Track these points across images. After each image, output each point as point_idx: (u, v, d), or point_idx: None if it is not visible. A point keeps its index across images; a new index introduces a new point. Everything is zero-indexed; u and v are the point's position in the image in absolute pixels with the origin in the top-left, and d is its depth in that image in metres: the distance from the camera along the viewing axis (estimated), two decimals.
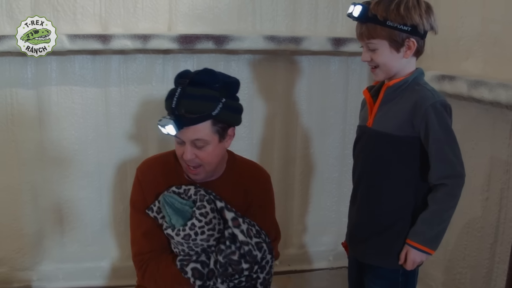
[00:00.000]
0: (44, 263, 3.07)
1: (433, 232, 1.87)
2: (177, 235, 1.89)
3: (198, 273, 1.92)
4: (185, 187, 2.00)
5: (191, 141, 1.88)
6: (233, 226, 1.94)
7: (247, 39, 2.86)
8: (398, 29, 1.82)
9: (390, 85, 1.91)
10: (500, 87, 2.19)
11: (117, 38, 2.71)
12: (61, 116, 2.91)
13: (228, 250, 1.93)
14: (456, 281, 2.72)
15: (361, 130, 2.04)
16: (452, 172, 1.84)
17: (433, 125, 1.81)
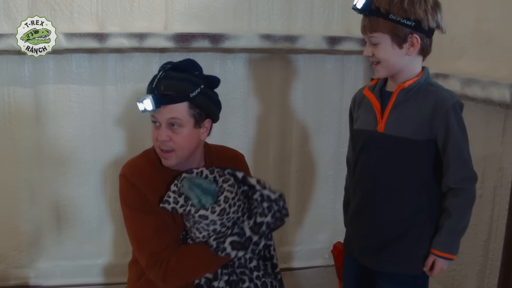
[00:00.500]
0: (41, 260, 3.09)
1: (459, 239, 1.87)
2: (212, 212, 1.86)
3: (237, 244, 1.90)
4: (196, 170, 2.01)
5: (167, 122, 1.89)
6: (261, 188, 1.96)
7: (243, 38, 2.88)
8: (401, 23, 1.76)
9: (405, 86, 1.83)
10: (492, 85, 2.20)
11: (114, 37, 2.73)
12: (58, 114, 2.92)
13: (272, 209, 1.95)
14: (451, 278, 2.73)
15: (368, 135, 1.93)
16: (469, 174, 1.83)
17: (453, 127, 1.78)
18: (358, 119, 2.01)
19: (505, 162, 2.32)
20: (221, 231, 1.92)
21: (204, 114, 1.96)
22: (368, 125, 1.93)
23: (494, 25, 2.40)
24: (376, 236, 1.95)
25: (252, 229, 1.93)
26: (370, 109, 1.93)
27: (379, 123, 1.88)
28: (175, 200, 1.93)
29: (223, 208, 1.87)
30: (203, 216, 1.87)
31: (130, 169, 2.02)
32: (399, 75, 1.86)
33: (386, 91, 1.92)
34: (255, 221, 1.93)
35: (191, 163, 2.04)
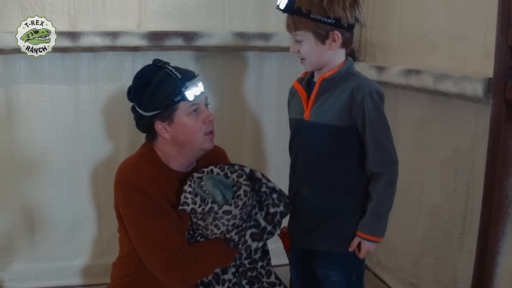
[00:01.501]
0: (15, 263, 3.05)
1: (382, 222, 1.98)
2: (236, 207, 1.92)
3: (257, 236, 2.00)
4: (206, 169, 2.07)
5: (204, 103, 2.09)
6: (267, 181, 2.08)
7: (216, 36, 2.88)
8: (321, 21, 1.87)
9: (326, 77, 1.96)
10: (464, 80, 2.23)
11: (87, 36, 2.70)
12: (30, 114, 2.89)
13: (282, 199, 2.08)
14: (426, 272, 2.76)
15: (297, 124, 2.07)
16: (389, 158, 1.93)
17: (369, 113, 1.88)
18: (291, 109, 2.14)
19: (478, 156, 2.35)
20: (240, 225, 1.99)
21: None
22: (298, 114, 2.05)
23: (465, 21, 2.43)
24: (308, 218, 2.07)
25: (266, 220, 2.02)
26: (299, 99, 2.04)
27: (305, 111, 2.00)
28: (193, 200, 1.97)
29: (244, 201, 1.94)
30: (227, 211, 1.93)
31: (133, 173, 2.01)
32: (325, 68, 1.98)
33: (313, 81, 2.03)
34: (268, 212, 2.02)
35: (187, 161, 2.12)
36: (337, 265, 2.07)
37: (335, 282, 2.08)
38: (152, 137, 2.10)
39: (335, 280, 2.08)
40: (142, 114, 2.04)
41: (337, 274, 2.08)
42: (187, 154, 2.09)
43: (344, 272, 2.08)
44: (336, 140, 1.96)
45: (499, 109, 2.05)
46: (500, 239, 2.14)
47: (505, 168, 2.08)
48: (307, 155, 2.05)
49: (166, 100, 1.97)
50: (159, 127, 2.03)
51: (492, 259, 2.16)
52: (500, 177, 2.09)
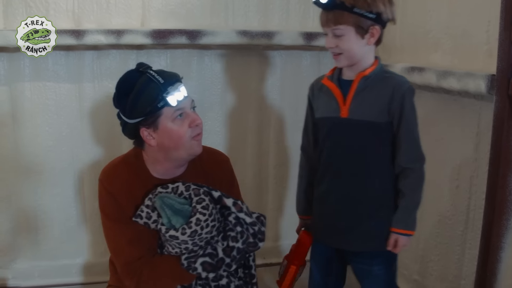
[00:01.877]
0: (19, 261, 3.06)
1: (414, 216, 2.03)
2: (183, 234, 1.85)
3: (209, 266, 1.90)
4: (172, 186, 1.98)
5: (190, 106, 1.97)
6: (237, 211, 1.95)
7: (220, 34, 2.89)
8: (364, 16, 1.89)
9: (366, 74, 1.97)
10: (468, 77, 2.25)
11: (91, 34, 2.72)
12: (35, 112, 2.90)
13: (244, 235, 1.96)
14: (429, 269, 2.78)
15: (333, 122, 2.05)
16: (418, 154, 2.00)
17: (407, 108, 1.94)
18: (319, 107, 2.13)
19: (481, 153, 2.36)
20: (193, 250, 1.92)
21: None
22: (331, 112, 2.04)
23: (467, 18, 2.44)
24: (345, 217, 2.07)
25: (225, 251, 1.93)
26: (331, 97, 2.04)
27: (342, 109, 2.00)
28: (148, 215, 1.93)
29: (194, 230, 1.86)
30: (173, 236, 1.87)
31: (108, 176, 2.01)
32: (357, 65, 2.00)
33: (344, 80, 2.05)
34: (228, 244, 1.93)
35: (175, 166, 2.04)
36: (380, 259, 2.10)
37: (379, 275, 2.11)
38: (139, 144, 2.03)
39: (379, 274, 2.11)
40: (127, 121, 1.97)
41: (380, 267, 2.10)
42: (174, 160, 2.01)
43: (386, 264, 2.12)
44: (376, 137, 1.99)
45: (502, 105, 2.06)
46: (503, 234, 2.15)
47: (508, 164, 2.09)
48: (345, 153, 2.04)
49: (149, 107, 1.88)
50: (144, 133, 1.95)
51: (495, 255, 2.18)
52: (504, 173, 2.10)
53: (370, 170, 2.02)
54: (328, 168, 2.10)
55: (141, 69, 1.96)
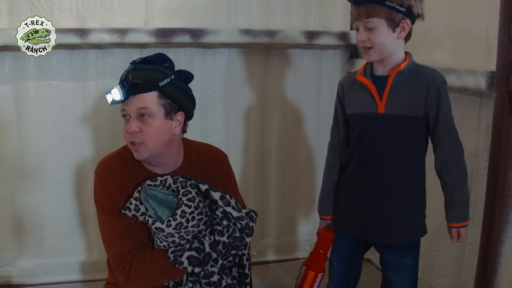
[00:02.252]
0: (23, 258, 3.08)
1: (468, 206, 2.08)
2: (168, 226, 1.85)
3: (195, 260, 1.91)
4: (161, 179, 1.99)
5: (136, 113, 1.89)
6: (224, 205, 1.95)
7: (223, 33, 2.93)
8: (395, 9, 1.92)
9: (401, 69, 1.99)
10: (468, 74, 2.29)
11: (95, 32, 2.75)
12: (39, 110, 2.93)
13: (230, 229, 1.95)
14: (430, 264, 2.82)
15: (370, 117, 2.06)
16: (459, 144, 2.04)
17: (443, 101, 1.98)
18: (352, 104, 2.13)
19: (481, 149, 2.41)
20: (180, 243, 1.93)
21: (176, 106, 1.96)
22: (366, 108, 2.06)
23: (467, 17, 2.49)
24: (385, 212, 2.09)
25: (211, 246, 1.94)
26: (366, 92, 2.05)
27: (379, 105, 2.01)
28: (136, 207, 1.94)
29: (179, 222, 1.87)
30: (159, 228, 1.88)
31: (102, 167, 2.04)
32: (388, 59, 2.01)
33: (377, 75, 2.06)
34: (214, 239, 1.94)
35: (166, 161, 2.04)
36: (410, 251, 2.16)
37: (407, 266, 2.17)
38: None
39: (407, 265, 2.17)
40: None
41: (410, 259, 2.17)
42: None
43: (415, 255, 2.19)
44: (413, 131, 2.03)
45: (502, 102, 2.11)
46: (503, 229, 2.20)
47: (508, 160, 2.14)
48: (383, 148, 2.05)
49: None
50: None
51: (496, 249, 2.23)
52: (504, 168, 2.15)
53: (406, 164, 2.06)
54: (365, 163, 2.11)
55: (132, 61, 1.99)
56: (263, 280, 3.19)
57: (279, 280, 3.20)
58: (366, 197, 2.12)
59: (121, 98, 1.87)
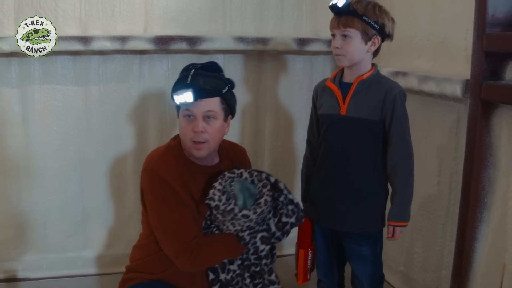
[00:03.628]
0: (28, 253, 3.18)
1: (408, 208, 2.29)
2: (254, 213, 2.09)
3: (266, 239, 2.18)
4: (237, 171, 2.22)
5: (203, 115, 2.11)
6: (288, 193, 2.22)
7: (218, 40, 3.05)
8: (370, 24, 2.16)
9: (363, 78, 2.23)
10: (445, 81, 2.42)
11: (97, 40, 2.87)
12: (44, 113, 3.04)
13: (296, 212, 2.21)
14: (414, 260, 2.94)
15: (333, 118, 2.30)
16: (408, 150, 2.24)
17: (397, 109, 2.20)
18: (321, 106, 2.37)
19: (459, 151, 2.51)
20: (253, 227, 2.16)
21: (230, 110, 2.21)
22: (331, 109, 2.30)
23: (448, 27, 2.61)
24: (340, 203, 2.31)
25: (277, 226, 2.19)
26: (333, 96, 2.30)
27: (341, 107, 2.26)
28: (219, 198, 2.14)
29: (263, 210, 2.10)
30: (245, 215, 2.10)
31: (159, 164, 2.17)
32: (356, 68, 2.25)
33: (344, 82, 2.30)
34: (280, 220, 2.19)
35: (210, 156, 2.25)
36: (367, 240, 2.35)
37: (366, 255, 2.36)
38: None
39: (366, 253, 2.36)
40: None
41: (367, 248, 2.36)
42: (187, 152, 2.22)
43: (372, 246, 2.36)
44: (370, 132, 2.24)
45: (475, 108, 2.24)
46: (477, 226, 2.33)
47: (481, 162, 2.27)
48: (342, 145, 2.28)
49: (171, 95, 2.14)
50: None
51: (470, 245, 2.35)
52: (477, 170, 2.28)
53: (362, 162, 2.28)
54: (327, 158, 2.35)
55: (191, 66, 2.20)
56: None
57: None
58: (324, 189, 2.36)
59: (192, 101, 2.06)
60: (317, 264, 2.54)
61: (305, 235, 2.49)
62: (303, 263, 2.51)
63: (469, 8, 2.36)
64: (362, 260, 2.37)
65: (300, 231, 2.51)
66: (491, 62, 2.20)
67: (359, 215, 2.31)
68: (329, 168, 2.34)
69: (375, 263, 2.40)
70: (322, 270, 2.53)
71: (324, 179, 2.37)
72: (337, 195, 2.33)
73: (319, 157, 2.40)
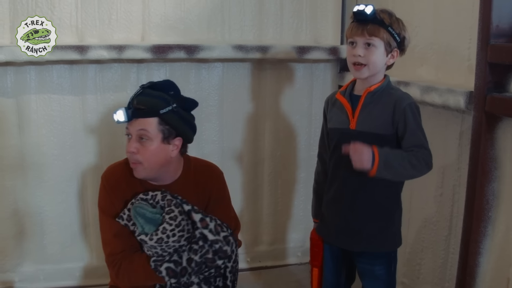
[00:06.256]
0: (25, 264, 3.15)
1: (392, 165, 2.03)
2: (150, 239, 2.06)
3: (172, 272, 2.09)
4: (152, 193, 2.17)
5: (136, 134, 2.08)
6: (202, 227, 2.14)
7: (217, 49, 3.02)
8: (394, 36, 2.10)
9: (371, 90, 2.14)
10: (448, 93, 2.38)
11: (94, 49, 2.84)
12: (40, 123, 3.01)
13: (203, 250, 2.12)
14: (416, 272, 2.90)
15: (342, 133, 2.21)
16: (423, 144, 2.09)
17: (410, 123, 2.08)
18: (332, 119, 2.29)
19: (463, 163, 2.48)
20: (161, 255, 2.11)
21: (174, 132, 2.13)
22: (341, 123, 2.21)
23: (451, 36, 2.57)
24: (353, 220, 2.22)
25: (188, 261, 2.11)
26: (342, 110, 2.21)
27: (351, 122, 2.17)
28: (128, 217, 2.14)
29: (160, 237, 2.06)
30: (143, 240, 2.09)
31: (108, 173, 2.24)
32: (370, 79, 2.16)
33: (354, 94, 2.21)
34: (189, 256, 2.12)
35: (163, 176, 2.21)
36: (381, 260, 2.26)
37: (379, 274, 2.27)
38: None
39: (379, 273, 2.27)
40: None
41: (381, 268, 2.26)
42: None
43: (386, 265, 2.27)
44: (380, 146, 2.07)
45: (479, 120, 2.20)
46: (481, 240, 2.29)
47: (485, 175, 2.23)
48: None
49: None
50: None
51: (474, 259, 2.31)
52: (481, 183, 2.24)
53: (374, 179, 2.07)
54: (337, 175, 2.25)
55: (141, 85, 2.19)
56: (256, 286, 3.27)
57: (272, 285, 3.28)
58: (336, 207, 2.27)
59: (124, 120, 2.06)
60: (324, 283, 2.45)
61: (317, 254, 2.44)
62: (317, 283, 2.47)
63: (472, 17, 2.33)
64: (375, 280, 2.29)
65: (312, 250, 2.46)
66: (496, 74, 2.16)
67: (373, 234, 2.21)
68: (340, 186, 2.24)
69: (388, 283, 2.30)
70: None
71: (335, 195, 2.28)
72: (349, 213, 2.23)
73: (329, 173, 2.31)
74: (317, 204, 2.44)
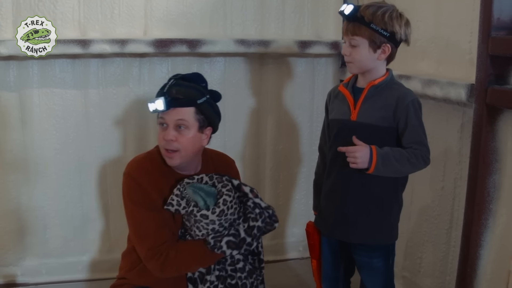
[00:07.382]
0: (28, 258, 3.17)
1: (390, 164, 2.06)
2: (213, 213, 2.07)
3: (233, 244, 2.12)
4: (197, 177, 2.21)
5: (174, 123, 2.11)
6: (253, 197, 2.18)
7: (219, 43, 3.03)
8: (379, 32, 2.06)
9: (375, 83, 2.15)
10: (449, 86, 2.39)
11: (96, 43, 2.85)
12: (43, 117, 3.02)
13: (263, 216, 2.18)
14: (417, 265, 2.91)
15: (343, 123, 2.22)
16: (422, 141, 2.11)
17: (412, 119, 2.09)
18: (333, 110, 2.29)
19: (464, 156, 2.49)
20: (219, 231, 2.13)
21: (207, 122, 2.18)
22: (342, 115, 2.22)
23: (452, 30, 2.58)
24: (350, 212, 2.22)
25: (246, 232, 2.15)
26: (344, 102, 2.22)
27: (352, 113, 2.18)
28: (178, 202, 2.13)
29: (222, 209, 2.09)
30: (204, 215, 2.08)
31: (136, 169, 2.21)
32: (368, 74, 2.17)
33: (357, 87, 2.22)
34: (249, 225, 2.15)
35: (190, 166, 2.25)
36: (379, 252, 2.26)
37: (377, 267, 2.28)
38: None
39: (377, 266, 2.27)
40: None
41: (379, 260, 2.27)
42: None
43: (384, 258, 2.27)
44: (381, 138, 2.13)
45: (481, 113, 2.21)
46: (482, 233, 2.30)
47: (486, 168, 2.23)
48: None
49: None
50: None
51: (475, 252, 2.32)
52: (482, 176, 2.24)
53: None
54: (335, 164, 2.25)
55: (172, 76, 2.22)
56: None
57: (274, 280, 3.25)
58: (334, 198, 2.28)
59: (163, 109, 2.07)
60: (322, 276, 2.47)
61: (312, 246, 2.46)
62: (317, 274, 2.49)
63: (473, 10, 2.34)
64: (373, 272, 2.30)
65: (308, 242, 2.48)
66: (497, 66, 2.16)
67: (368, 225, 2.21)
68: (338, 176, 2.25)
69: (386, 276, 2.31)
70: (327, 282, 2.46)
71: (332, 188, 2.29)
72: (346, 205, 2.23)
73: (328, 164, 2.32)
74: (317, 196, 2.46)
